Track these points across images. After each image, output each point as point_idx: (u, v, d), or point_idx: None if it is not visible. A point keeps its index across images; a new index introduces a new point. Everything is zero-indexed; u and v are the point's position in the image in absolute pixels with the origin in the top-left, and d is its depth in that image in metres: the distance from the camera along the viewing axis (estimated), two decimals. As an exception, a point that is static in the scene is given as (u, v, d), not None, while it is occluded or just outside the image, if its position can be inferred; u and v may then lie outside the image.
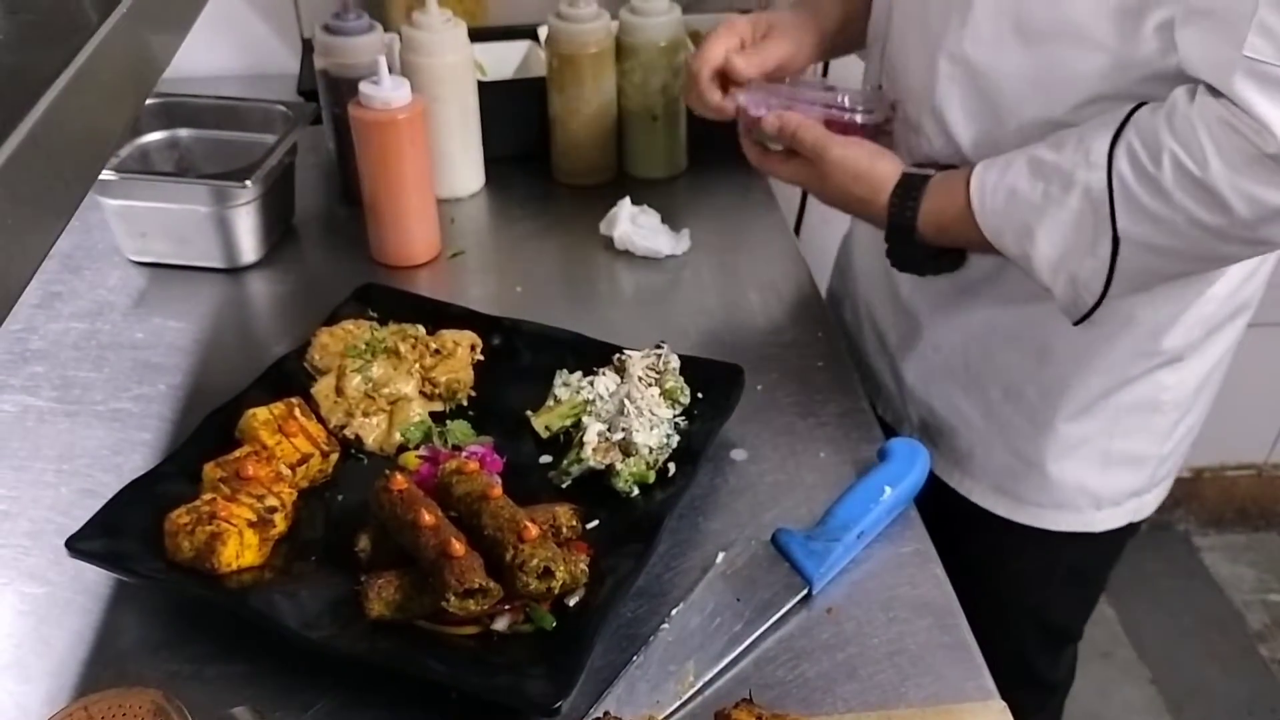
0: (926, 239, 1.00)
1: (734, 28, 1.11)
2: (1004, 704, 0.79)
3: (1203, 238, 0.86)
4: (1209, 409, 1.17)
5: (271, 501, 0.87)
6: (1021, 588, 1.23)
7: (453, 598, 0.76)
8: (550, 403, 1.01)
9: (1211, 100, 0.82)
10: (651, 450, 0.94)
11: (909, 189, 0.99)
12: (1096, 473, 1.11)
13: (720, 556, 0.88)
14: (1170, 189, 0.84)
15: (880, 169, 1.01)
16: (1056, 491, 1.12)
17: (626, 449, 0.94)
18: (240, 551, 0.83)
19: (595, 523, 0.89)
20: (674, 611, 0.84)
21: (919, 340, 1.15)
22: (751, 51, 1.10)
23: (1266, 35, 0.77)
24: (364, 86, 1.17)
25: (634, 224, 1.25)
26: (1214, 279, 1.01)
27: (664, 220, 1.27)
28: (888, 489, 0.92)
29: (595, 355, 1.04)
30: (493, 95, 1.37)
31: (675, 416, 0.99)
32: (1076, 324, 0.96)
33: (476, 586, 0.77)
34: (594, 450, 0.93)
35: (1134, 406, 1.08)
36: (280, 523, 0.87)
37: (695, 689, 0.79)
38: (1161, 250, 0.88)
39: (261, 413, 0.94)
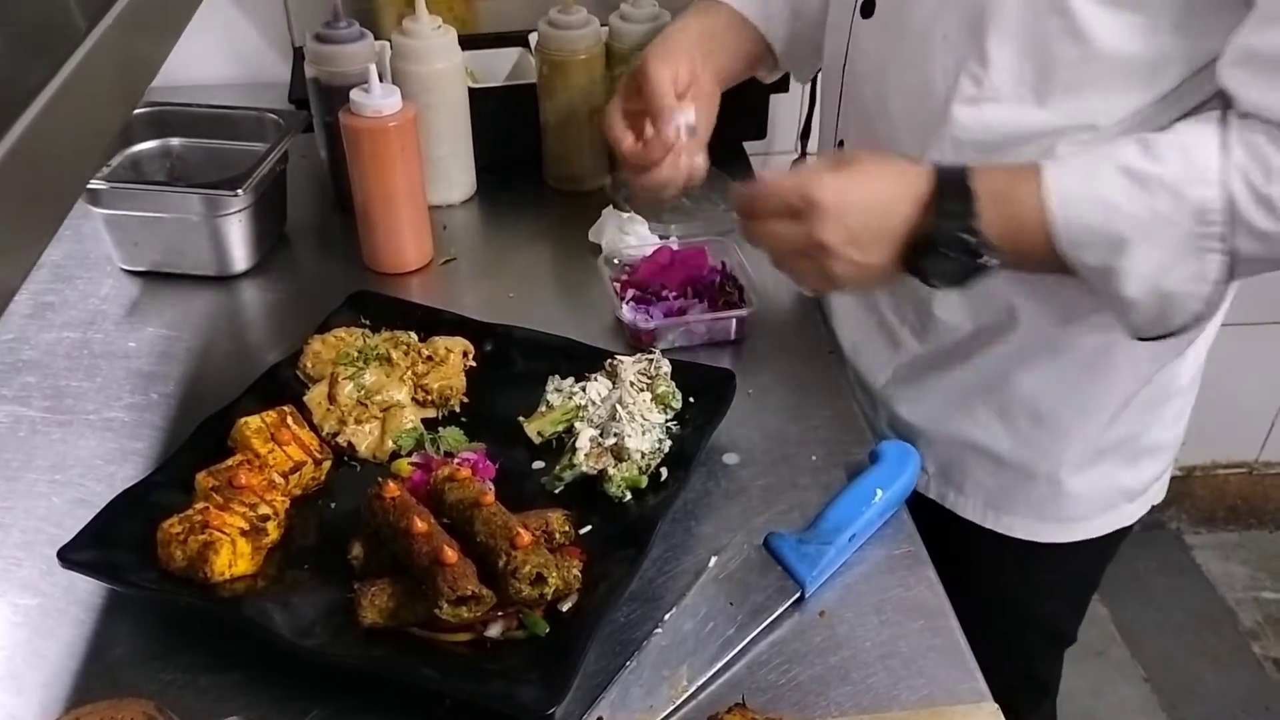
0: (987, 243, 0.87)
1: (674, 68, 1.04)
2: (996, 706, 0.79)
3: None
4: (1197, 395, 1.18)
5: (264, 510, 0.87)
6: (1033, 600, 1.23)
7: (445, 605, 0.76)
8: (542, 408, 1.01)
9: None
10: (644, 455, 0.94)
11: (957, 192, 0.87)
12: (1128, 469, 1.12)
13: (713, 561, 0.88)
14: None
15: (900, 175, 0.89)
16: (1093, 501, 1.12)
17: (619, 454, 0.94)
18: (233, 560, 0.83)
19: (588, 528, 0.89)
20: (667, 616, 0.84)
21: (918, 385, 1.12)
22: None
23: None
24: (355, 94, 1.17)
25: (621, 232, 1.25)
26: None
27: (652, 228, 1.27)
28: (879, 492, 0.92)
29: (587, 361, 1.04)
30: (483, 102, 1.37)
31: (667, 421, 0.99)
32: (1144, 339, 0.91)
33: (469, 593, 0.77)
34: (586, 456, 0.94)
35: (1152, 400, 1.08)
36: (273, 531, 0.87)
37: (689, 693, 0.79)
38: (1263, 264, 0.85)
39: (254, 421, 0.94)
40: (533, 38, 1.40)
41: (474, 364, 1.07)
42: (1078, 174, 0.87)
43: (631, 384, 1.00)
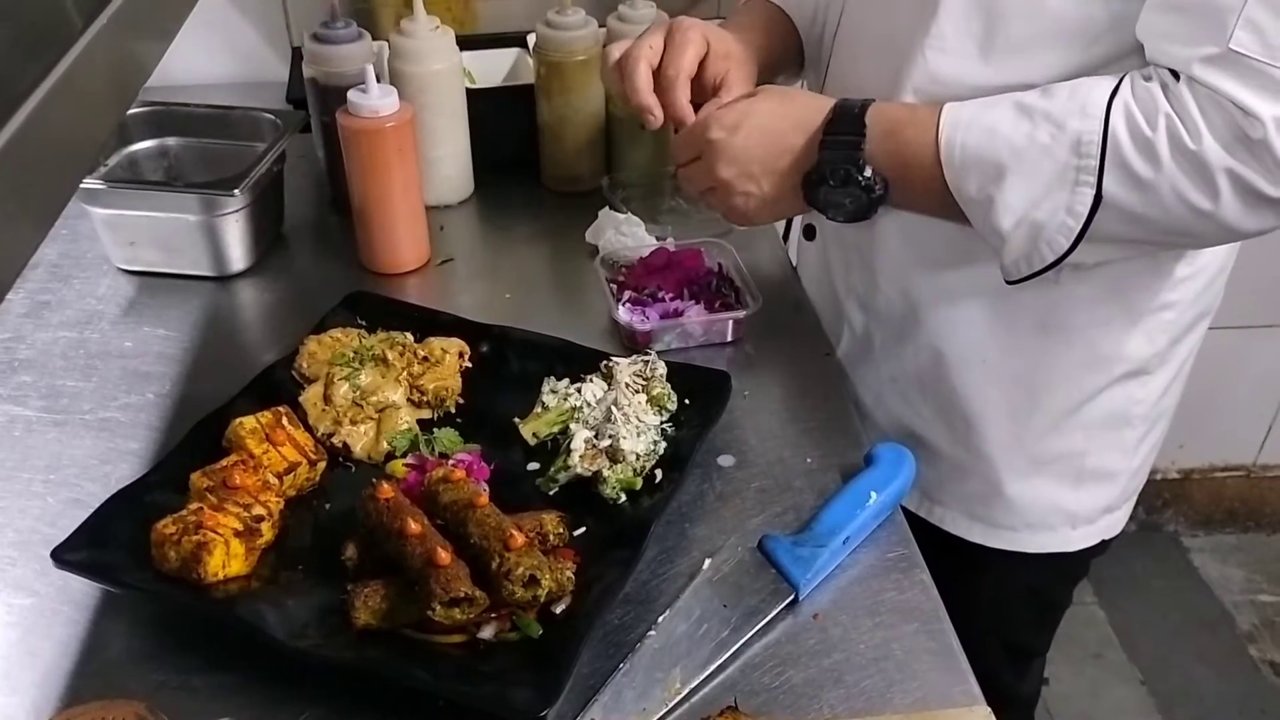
0: (876, 168, 0.91)
1: (698, 36, 1.02)
2: (989, 710, 0.79)
3: (1184, 215, 0.83)
4: (1173, 418, 1.15)
5: (258, 510, 0.87)
6: (980, 609, 1.21)
7: (438, 606, 0.76)
8: (538, 410, 1.01)
9: (1197, 83, 0.81)
10: (639, 457, 0.94)
11: (848, 123, 0.91)
12: (1070, 491, 1.09)
13: (707, 563, 0.88)
14: (1163, 155, 0.82)
15: (798, 108, 0.94)
16: (1029, 513, 1.10)
17: (614, 456, 0.94)
18: (227, 561, 0.83)
19: (582, 530, 0.89)
20: (661, 618, 0.84)
21: (873, 373, 1.14)
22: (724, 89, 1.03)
23: (1254, 31, 0.78)
24: (352, 95, 1.17)
25: (618, 232, 1.25)
26: (1173, 286, 1.00)
27: (649, 228, 1.27)
28: (874, 494, 0.92)
29: (583, 362, 1.04)
30: (481, 103, 1.37)
31: (662, 423, 0.99)
32: (1013, 283, 0.91)
33: (462, 595, 0.77)
34: (581, 457, 0.93)
35: (1105, 421, 1.06)
36: (267, 532, 0.87)
37: (682, 696, 0.79)
38: (1139, 219, 0.85)
39: (249, 421, 0.94)
40: (531, 39, 1.40)
41: (470, 365, 1.07)
42: (974, 106, 0.89)
43: (627, 385, 1.00)
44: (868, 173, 0.91)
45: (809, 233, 1.22)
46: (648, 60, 1.02)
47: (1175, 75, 0.83)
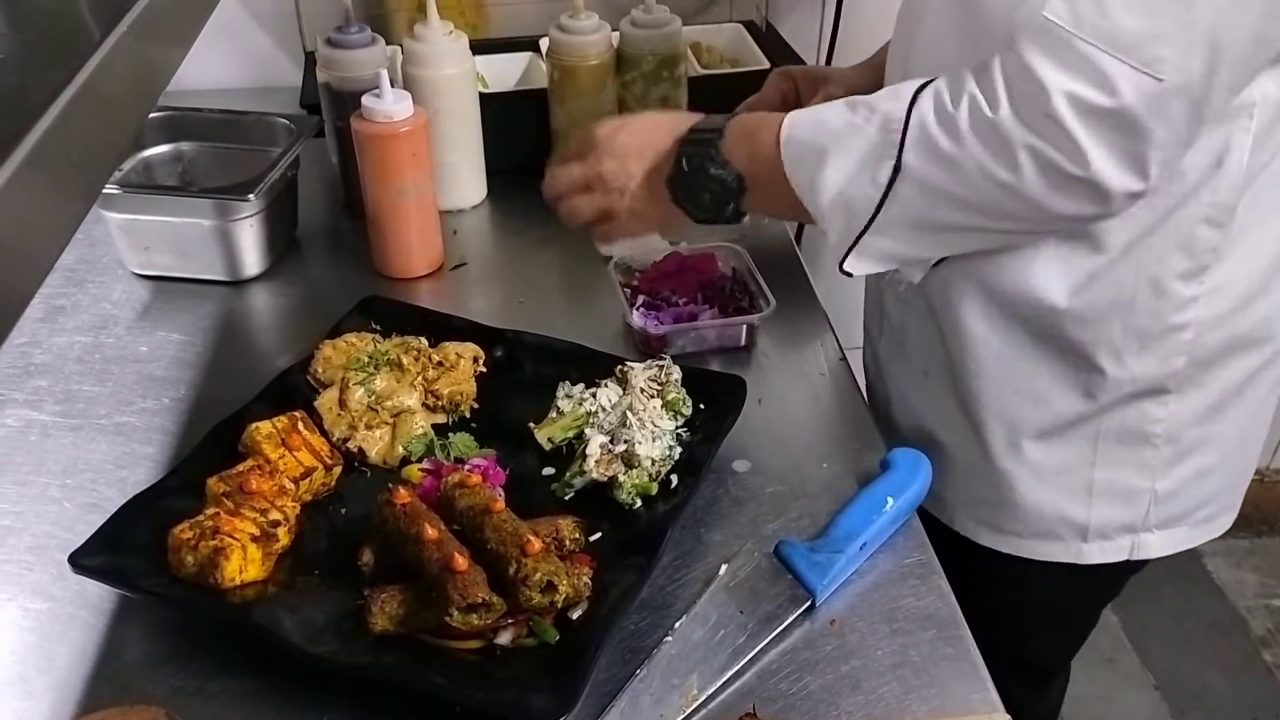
0: (732, 165, 0.98)
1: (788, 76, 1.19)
2: (1009, 718, 0.79)
3: (991, 190, 0.84)
4: (1244, 452, 1.10)
5: (275, 515, 0.87)
6: (994, 620, 1.20)
7: (456, 612, 0.76)
8: (553, 415, 1.01)
9: (1012, 53, 0.81)
10: (654, 462, 0.94)
11: (709, 127, 1.00)
12: (1080, 503, 1.06)
13: (723, 568, 0.88)
14: (964, 131, 0.83)
15: (671, 119, 1.04)
16: (1037, 521, 1.08)
17: (629, 461, 0.94)
18: (243, 566, 0.83)
19: (598, 535, 0.89)
20: (677, 624, 0.84)
21: (904, 367, 1.13)
22: None
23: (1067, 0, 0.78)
24: (366, 99, 1.17)
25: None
26: (1180, 307, 0.96)
27: (662, 232, 1.27)
28: (890, 500, 0.92)
29: (597, 367, 1.04)
30: (494, 107, 1.37)
31: (678, 428, 0.99)
32: (843, 268, 0.95)
33: (480, 601, 0.77)
34: (596, 462, 0.93)
35: (1117, 436, 1.03)
36: (283, 537, 0.87)
37: (699, 702, 0.79)
38: (942, 194, 0.86)
39: (265, 426, 0.94)
40: (543, 43, 1.40)
41: (484, 370, 1.06)
42: (814, 108, 0.96)
43: (642, 390, 0.99)
44: (722, 167, 0.98)
45: None
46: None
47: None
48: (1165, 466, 1.05)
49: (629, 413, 0.97)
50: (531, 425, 1.00)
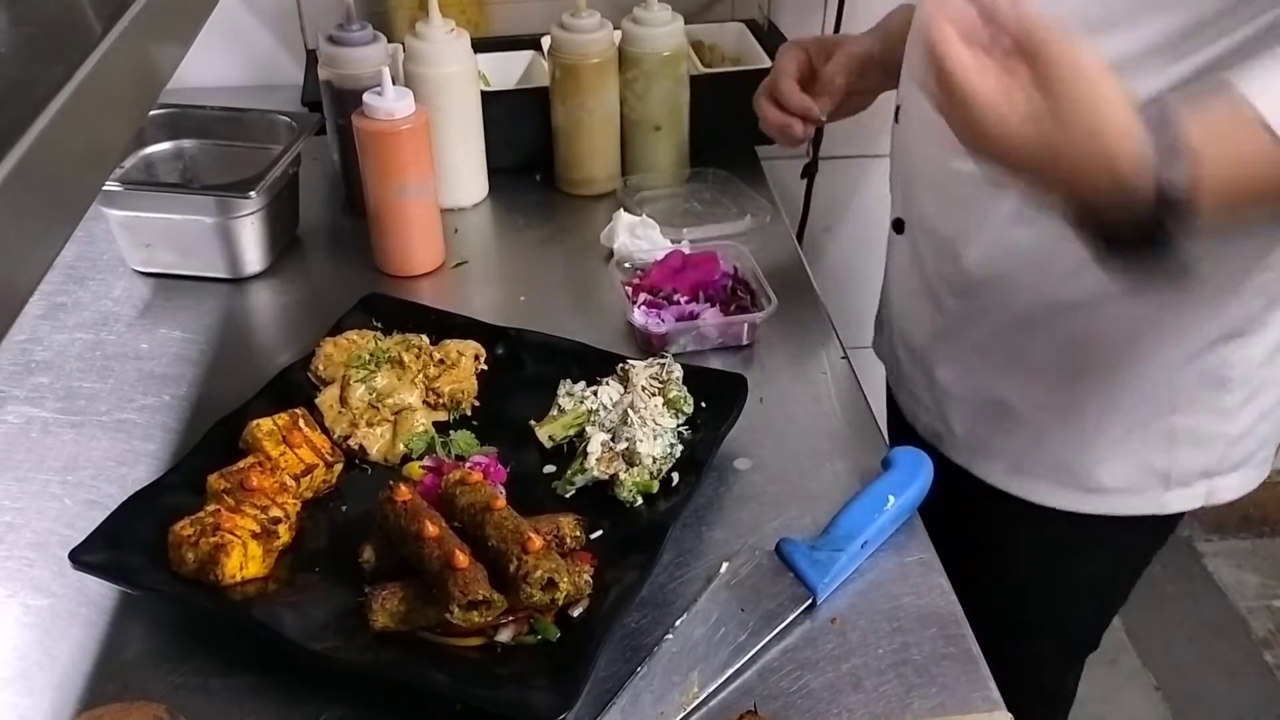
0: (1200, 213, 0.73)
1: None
2: (1010, 716, 0.79)
3: None
4: None
5: (275, 512, 0.87)
6: (1046, 596, 1.21)
7: (456, 609, 0.76)
8: (554, 413, 1.01)
9: None
10: (655, 460, 0.94)
11: (1164, 125, 0.72)
12: (1162, 451, 1.08)
13: (724, 566, 0.88)
14: None
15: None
16: (1121, 474, 1.09)
17: (630, 459, 0.94)
18: (244, 563, 0.83)
19: (599, 533, 0.89)
20: (678, 622, 0.83)
21: (955, 343, 1.13)
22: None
23: None
24: (367, 97, 1.17)
25: (633, 235, 1.25)
26: (1271, 246, 0.97)
27: (664, 231, 1.27)
28: (891, 498, 0.92)
29: (599, 365, 1.04)
30: (496, 105, 1.37)
31: (679, 426, 0.99)
32: None
33: (480, 598, 0.77)
34: (598, 460, 0.93)
35: (1200, 382, 1.04)
36: (284, 534, 0.87)
37: (699, 700, 0.79)
38: None
39: (266, 423, 0.94)
40: (545, 41, 1.40)
41: (485, 367, 1.06)
42: (1263, 72, 0.76)
43: (643, 388, 0.99)
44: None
45: (898, 226, 1.21)
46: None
47: None
48: (1238, 408, 1.07)
49: (630, 411, 0.97)
50: (533, 423, 1.00)
